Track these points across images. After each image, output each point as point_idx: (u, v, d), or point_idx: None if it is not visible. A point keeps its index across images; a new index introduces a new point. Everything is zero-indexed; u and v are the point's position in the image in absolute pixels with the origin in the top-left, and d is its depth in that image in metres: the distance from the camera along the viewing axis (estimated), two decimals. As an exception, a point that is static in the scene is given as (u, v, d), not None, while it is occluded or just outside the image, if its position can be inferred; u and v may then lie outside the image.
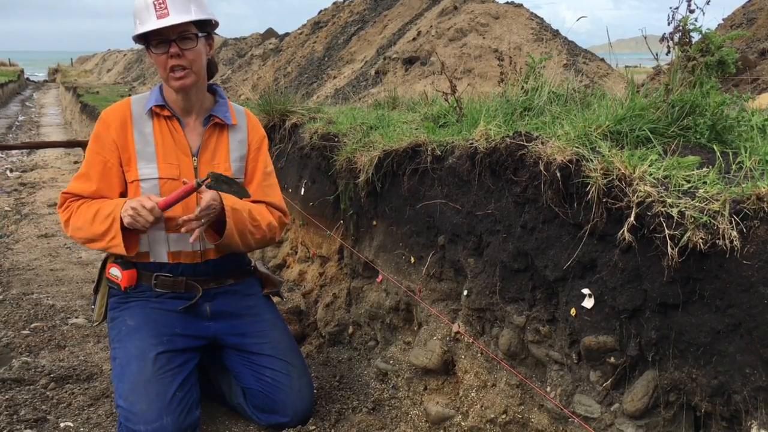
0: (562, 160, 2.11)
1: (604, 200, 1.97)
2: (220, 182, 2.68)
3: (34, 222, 7.16)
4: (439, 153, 2.82)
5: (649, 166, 1.95)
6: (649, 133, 2.23)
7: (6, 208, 8.06)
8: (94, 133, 2.93)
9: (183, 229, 2.73)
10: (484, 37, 14.70)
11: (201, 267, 2.97)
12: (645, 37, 2.66)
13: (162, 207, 2.66)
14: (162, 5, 2.71)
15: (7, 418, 2.98)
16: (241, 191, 2.78)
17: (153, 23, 2.70)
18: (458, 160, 2.69)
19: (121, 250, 2.73)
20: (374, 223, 3.43)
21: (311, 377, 3.11)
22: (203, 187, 2.68)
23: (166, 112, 2.90)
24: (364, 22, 22.12)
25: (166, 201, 2.68)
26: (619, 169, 1.95)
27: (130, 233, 2.74)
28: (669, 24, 2.42)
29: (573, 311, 2.14)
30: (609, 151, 2.06)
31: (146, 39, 2.77)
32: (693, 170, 1.91)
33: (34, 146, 12.43)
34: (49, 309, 4.48)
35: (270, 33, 30.87)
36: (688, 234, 1.69)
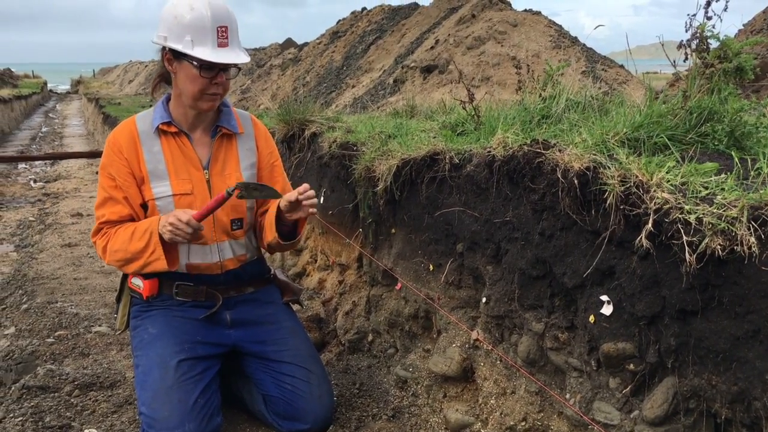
0: (579, 168, 2.12)
1: (621, 207, 1.97)
2: (250, 190, 2.71)
3: (58, 231, 7.26)
4: (457, 161, 2.84)
5: (667, 172, 1.95)
6: (666, 140, 2.24)
7: (30, 218, 8.19)
8: (105, 157, 2.90)
9: (309, 206, 2.76)
10: (502, 45, 14.70)
11: (221, 277, 3.00)
12: (662, 44, 2.66)
13: (197, 219, 2.68)
14: (224, 34, 2.71)
15: (33, 425, 3.03)
16: (272, 193, 2.78)
17: (215, 53, 2.68)
18: (476, 168, 2.71)
19: (162, 264, 2.72)
20: (393, 231, 3.45)
21: (331, 384, 3.13)
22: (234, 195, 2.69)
23: (173, 129, 2.89)
24: (382, 31, 22.22)
25: (200, 213, 2.70)
26: (637, 176, 1.96)
27: (169, 248, 2.75)
28: (687, 31, 2.43)
29: (592, 318, 2.14)
30: (626, 158, 2.06)
31: (186, 55, 2.72)
32: (711, 177, 1.91)
33: (57, 157, 12.65)
34: (73, 317, 4.54)
35: (289, 43, 31.11)
36: (706, 240, 1.69)
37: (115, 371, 3.63)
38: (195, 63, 2.72)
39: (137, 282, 2.97)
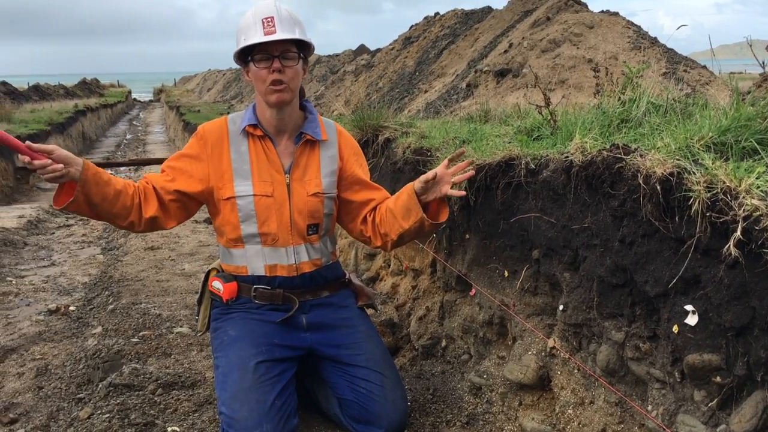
0: (662, 173, 2.06)
1: (707, 214, 1.90)
2: None
3: (141, 235, 7.52)
4: (533, 166, 2.81)
5: (757, 178, 1.87)
6: (756, 144, 2.14)
7: (116, 222, 8.51)
8: (190, 143, 3.06)
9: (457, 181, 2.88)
10: (578, 48, 14.43)
11: (297, 280, 3.05)
12: (749, 44, 2.56)
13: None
14: (270, 23, 2.81)
15: (119, 422, 3.15)
16: None
17: (260, 37, 2.81)
18: (553, 173, 2.67)
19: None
20: (467, 236, 3.43)
21: (405, 389, 3.13)
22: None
23: (258, 132, 2.98)
24: (455, 35, 22.14)
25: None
26: (724, 182, 1.89)
27: (66, 191, 2.72)
28: (777, 30, 2.33)
29: (675, 328, 2.07)
30: (713, 164, 1.99)
31: (248, 54, 2.88)
32: (805, 182, 1.82)
33: (140, 163, 13.15)
34: (156, 318, 4.71)
35: (362, 49, 31.41)
36: (800, 249, 1.61)
37: (195, 371, 3.74)
38: (250, 58, 2.87)
39: (217, 285, 3.06)
